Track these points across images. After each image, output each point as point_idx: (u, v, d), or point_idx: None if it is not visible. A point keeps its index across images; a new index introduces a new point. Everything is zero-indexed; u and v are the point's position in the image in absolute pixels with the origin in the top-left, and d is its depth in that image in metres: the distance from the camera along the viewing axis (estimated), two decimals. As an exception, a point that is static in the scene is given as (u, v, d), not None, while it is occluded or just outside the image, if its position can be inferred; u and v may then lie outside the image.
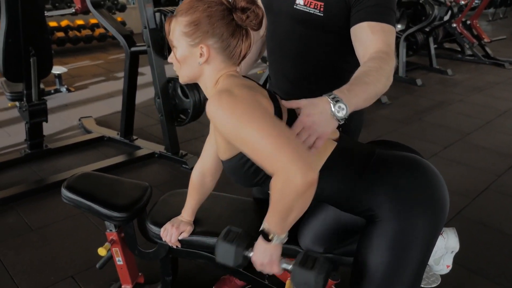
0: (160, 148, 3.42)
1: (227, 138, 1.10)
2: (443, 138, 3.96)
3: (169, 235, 1.48)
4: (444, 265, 1.54)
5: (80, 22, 6.98)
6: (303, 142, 1.04)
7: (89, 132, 3.81)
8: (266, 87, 1.28)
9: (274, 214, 1.08)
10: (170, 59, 1.22)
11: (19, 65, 2.94)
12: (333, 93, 1.08)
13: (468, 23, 6.93)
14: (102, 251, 1.68)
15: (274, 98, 1.17)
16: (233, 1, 1.14)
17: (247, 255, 1.18)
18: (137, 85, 3.56)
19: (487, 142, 3.90)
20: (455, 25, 6.71)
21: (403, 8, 6.19)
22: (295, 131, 1.04)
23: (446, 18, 5.94)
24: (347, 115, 1.07)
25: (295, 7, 1.43)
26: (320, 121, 1.05)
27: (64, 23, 6.78)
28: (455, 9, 5.92)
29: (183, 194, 1.56)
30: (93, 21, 7.02)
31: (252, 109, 1.05)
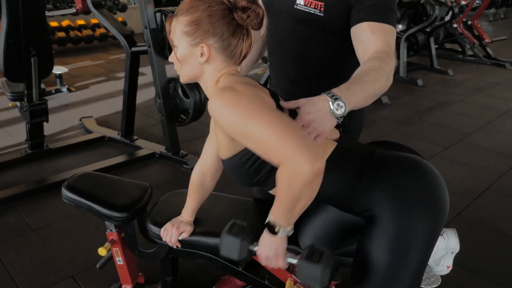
0: (160, 148, 3.42)
1: (231, 134, 1.10)
2: (444, 138, 3.96)
3: (169, 235, 1.47)
4: (444, 265, 1.54)
5: (81, 22, 6.99)
6: None
7: (89, 132, 3.82)
8: (267, 87, 1.28)
9: (280, 205, 1.07)
10: (171, 58, 1.22)
11: (20, 65, 2.94)
12: (332, 91, 1.08)
13: (469, 23, 6.93)
14: (102, 251, 1.68)
15: (275, 96, 1.17)
16: (233, 0, 1.14)
17: (252, 249, 1.17)
18: (137, 85, 3.56)
19: (487, 142, 3.89)
20: (456, 25, 6.70)
21: (404, 8, 6.19)
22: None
23: (447, 18, 5.94)
24: (346, 113, 1.07)
25: (295, 7, 1.43)
26: (319, 119, 1.05)
27: (65, 23, 6.79)
28: (456, 10, 5.92)
29: (184, 194, 1.55)
30: (94, 21, 7.03)
31: (255, 103, 1.06)
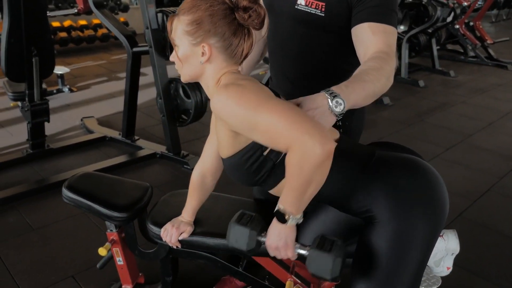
0: (161, 148, 3.42)
1: (237, 128, 1.10)
2: (445, 139, 3.95)
3: (169, 235, 1.47)
4: (444, 267, 1.54)
5: (83, 22, 7.00)
6: None
7: (91, 132, 3.82)
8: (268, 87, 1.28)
9: (290, 192, 1.06)
10: (172, 57, 1.22)
11: (21, 65, 2.95)
12: (331, 89, 1.09)
13: (471, 24, 6.93)
14: (102, 251, 1.68)
15: (276, 95, 1.17)
16: (235, 0, 1.14)
17: (260, 239, 1.16)
18: (139, 85, 3.56)
19: (489, 143, 3.89)
20: (458, 26, 6.70)
21: (406, 9, 6.19)
22: None
23: (449, 19, 5.93)
24: (345, 110, 1.07)
25: (296, 7, 1.43)
26: (318, 116, 1.06)
27: (67, 23, 6.79)
28: (458, 11, 5.91)
29: (184, 194, 1.55)
30: (96, 21, 7.04)
31: (259, 93, 1.07)
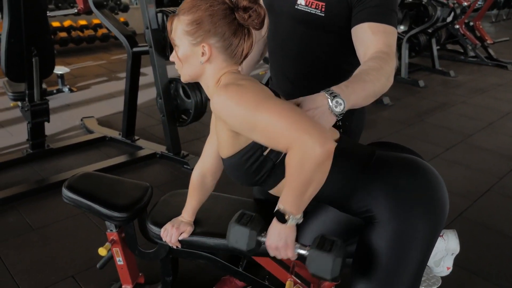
0: (161, 148, 3.42)
1: (237, 128, 1.10)
2: (445, 139, 3.95)
3: (169, 235, 1.47)
4: (444, 267, 1.54)
5: (83, 22, 7.00)
6: None
7: (91, 132, 3.82)
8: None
9: (290, 192, 1.06)
10: (172, 57, 1.22)
11: (21, 65, 2.95)
12: (331, 89, 1.09)
13: (471, 24, 6.92)
14: (102, 251, 1.68)
15: (276, 95, 1.17)
16: (235, 0, 1.14)
17: (260, 239, 1.16)
18: (139, 85, 3.56)
19: (489, 143, 3.89)
20: (458, 26, 6.70)
21: (406, 9, 6.19)
22: None
23: (449, 19, 5.93)
24: (345, 110, 1.07)
25: (296, 7, 1.43)
26: (318, 116, 1.06)
27: (67, 23, 6.79)
28: (458, 11, 5.91)
29: (184, 194, 1.55)
30: (96, 21, 7.04)
31: (259, 93, 1.07)
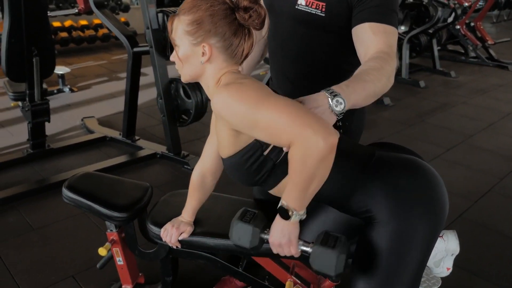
0: (162, 148, 3.42)
1: (238, 126, 1.10)
2: (446, 140, 3.95)
3: (169, 235, 1.47)
4: (444, 267, 1.54)
5: (83, 22, 7.00)
6: None
7: (91, 132, 3.82)
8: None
9: (293, 187, 1.06)
10: (172, 57, 1.22)
11: (22, 65, 2.95)
12: (331, 88, 1.09)
13: (472, 25, 6.92)
14: (102, 251, 1.68)
15: None
16: (235, 0, 1.14)
17: (264, 237, 1.16)
18: (139, 85, 3.56)
19: (490, 144, 3.88)
20: (458, 27, 6.69)
21: (407, 9, 6.19)
22: None
23: (449, 20, 5.93)
24: (345, 109, 1.07)
25: (296, 7, 1.43)
26: (318, 115, 1.05)
27: (67, 23, 6.79)
28: (459, 11, 5.91)
29: (184, 194, 1.55)
30: (97, 21, 7.04)
31: (260, 91, 1.07)
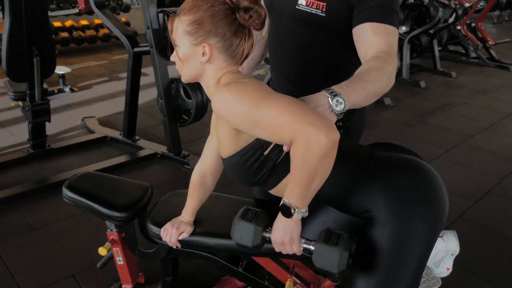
0: (162, 148, 3.42)
1: (239, 125, 1.10)
2: (447, 140, 3.95)
3: (169, 235, 1.47)
4: (444, 267, 1.53)
5: (84, 22, 7.01)
6: None
7: (92, 132, 3.82)
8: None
9: (295, 185, 1.06)
10: (172, 57, 1.22)
11: (22, 65, 2.95)
12: (332, 88, 1.09)
13: (472, 25, 6.91)
14: (102, 251, 1.68)
15: None
16: (236, 0, 1.14)
17: (265, 235, 1.16)
18: (140, 85, 3.56)
19: (490, 145, 3.88)
20: (459, 27, 6.69)
21: (408, 10, 6.18)
22: None
23: (450, 20, 5.92)
24: (345, 109, 1.07)
25: (297, 7, 1.43)
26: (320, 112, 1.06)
27: (68, 23, 6.80)
28: (460, 12, 5.90)
29: (184, 194, 1.55)
30: (97, 21, 7.04)
31: (261, 90, 1.07)
